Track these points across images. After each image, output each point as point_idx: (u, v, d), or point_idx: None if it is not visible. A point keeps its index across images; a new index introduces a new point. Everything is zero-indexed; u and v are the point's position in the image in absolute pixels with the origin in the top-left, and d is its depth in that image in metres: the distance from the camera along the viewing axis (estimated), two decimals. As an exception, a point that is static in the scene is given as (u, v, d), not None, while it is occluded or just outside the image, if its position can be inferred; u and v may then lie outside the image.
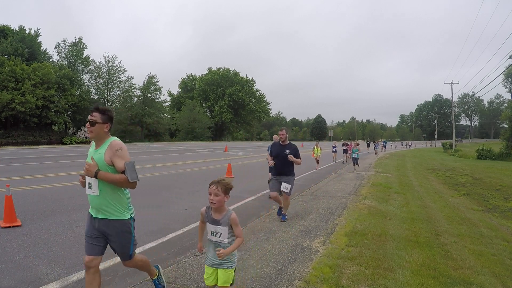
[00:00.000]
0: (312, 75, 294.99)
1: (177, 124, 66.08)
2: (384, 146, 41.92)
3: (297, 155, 6.13)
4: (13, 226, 5.42)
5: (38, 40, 45.00)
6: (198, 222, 2.96)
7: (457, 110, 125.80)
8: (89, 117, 2.64)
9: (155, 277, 3.24)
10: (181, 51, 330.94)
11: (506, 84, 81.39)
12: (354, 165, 16.23)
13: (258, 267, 4.00)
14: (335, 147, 22.51)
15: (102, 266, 4.02)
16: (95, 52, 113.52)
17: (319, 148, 16.90)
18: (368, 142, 40.63)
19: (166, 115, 67.33)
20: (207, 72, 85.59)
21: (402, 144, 70.12)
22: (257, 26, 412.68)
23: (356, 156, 16.24)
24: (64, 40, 48.09)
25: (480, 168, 21.15)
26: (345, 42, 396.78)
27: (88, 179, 2.64)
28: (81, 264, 4.07)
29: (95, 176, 2.54)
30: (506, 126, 35.67)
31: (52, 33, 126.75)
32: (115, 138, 2.74)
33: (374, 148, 31.85)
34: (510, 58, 33.69)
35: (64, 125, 43.31)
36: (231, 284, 2.67)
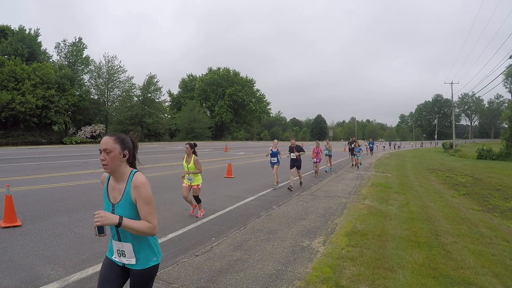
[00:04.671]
0: (315, 74, 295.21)
1: (177, 124, 66.10)
2: (371, 149, 29.48)
3: None
4: (13, 226, 5.43)
5: (38, 40, 44.95)
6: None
7: (457, 110, 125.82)
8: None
9: None
10: (183, 50, 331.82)
11: (506, 84, 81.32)
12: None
13: (258, 267, 4.00)
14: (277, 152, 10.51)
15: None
16: (95, 52, 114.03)
17: (192, 162, 6.44)
18: (350, 143, 20.29)
19: (166, 115, 67.35)
20: (207, 72, 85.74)
21: (390, 145, 57.97)
22: (262, 24, 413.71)
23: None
24: (64, 40, 48.02)
25: (480, 168, 21.14)
26: (350, 41, 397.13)
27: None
28: (81, 264, 4.08)
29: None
30: (506, 126, 35.64)
31: (52, 33, 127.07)
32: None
33: (353, 154, 18.13)
34: (510, 58, 33.63)
35: (64, 125, 43.30)
36: None
